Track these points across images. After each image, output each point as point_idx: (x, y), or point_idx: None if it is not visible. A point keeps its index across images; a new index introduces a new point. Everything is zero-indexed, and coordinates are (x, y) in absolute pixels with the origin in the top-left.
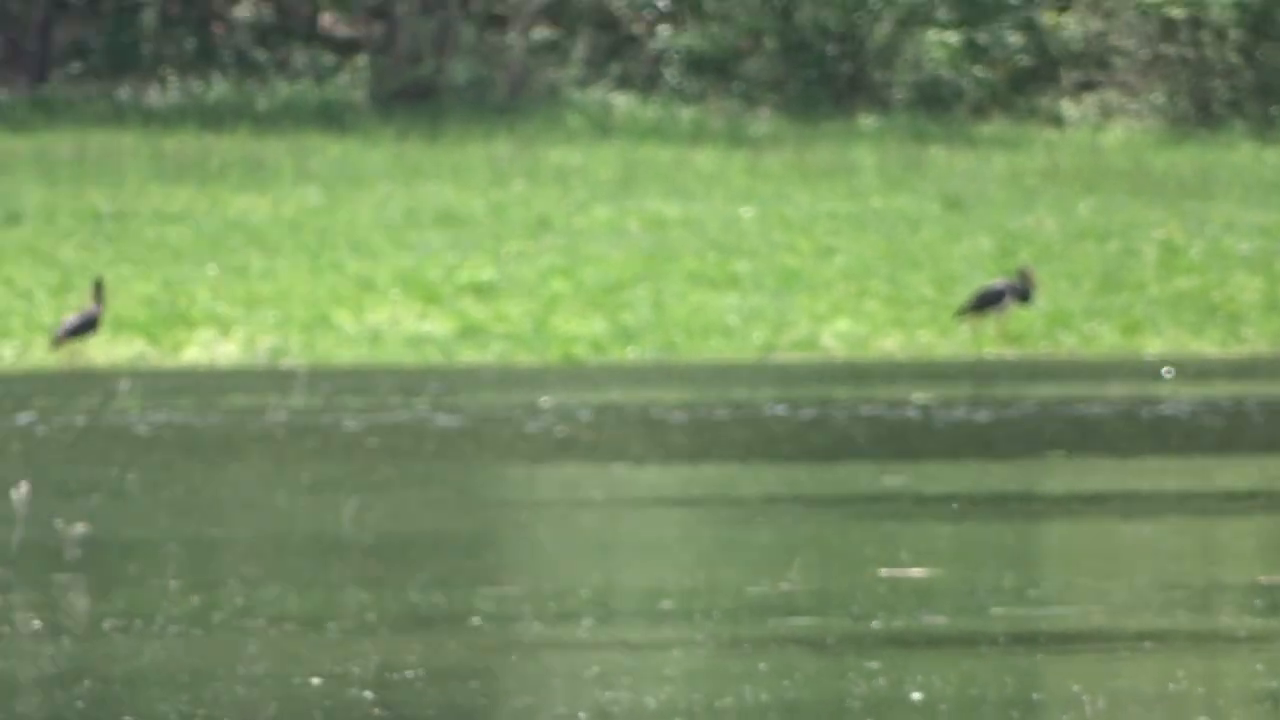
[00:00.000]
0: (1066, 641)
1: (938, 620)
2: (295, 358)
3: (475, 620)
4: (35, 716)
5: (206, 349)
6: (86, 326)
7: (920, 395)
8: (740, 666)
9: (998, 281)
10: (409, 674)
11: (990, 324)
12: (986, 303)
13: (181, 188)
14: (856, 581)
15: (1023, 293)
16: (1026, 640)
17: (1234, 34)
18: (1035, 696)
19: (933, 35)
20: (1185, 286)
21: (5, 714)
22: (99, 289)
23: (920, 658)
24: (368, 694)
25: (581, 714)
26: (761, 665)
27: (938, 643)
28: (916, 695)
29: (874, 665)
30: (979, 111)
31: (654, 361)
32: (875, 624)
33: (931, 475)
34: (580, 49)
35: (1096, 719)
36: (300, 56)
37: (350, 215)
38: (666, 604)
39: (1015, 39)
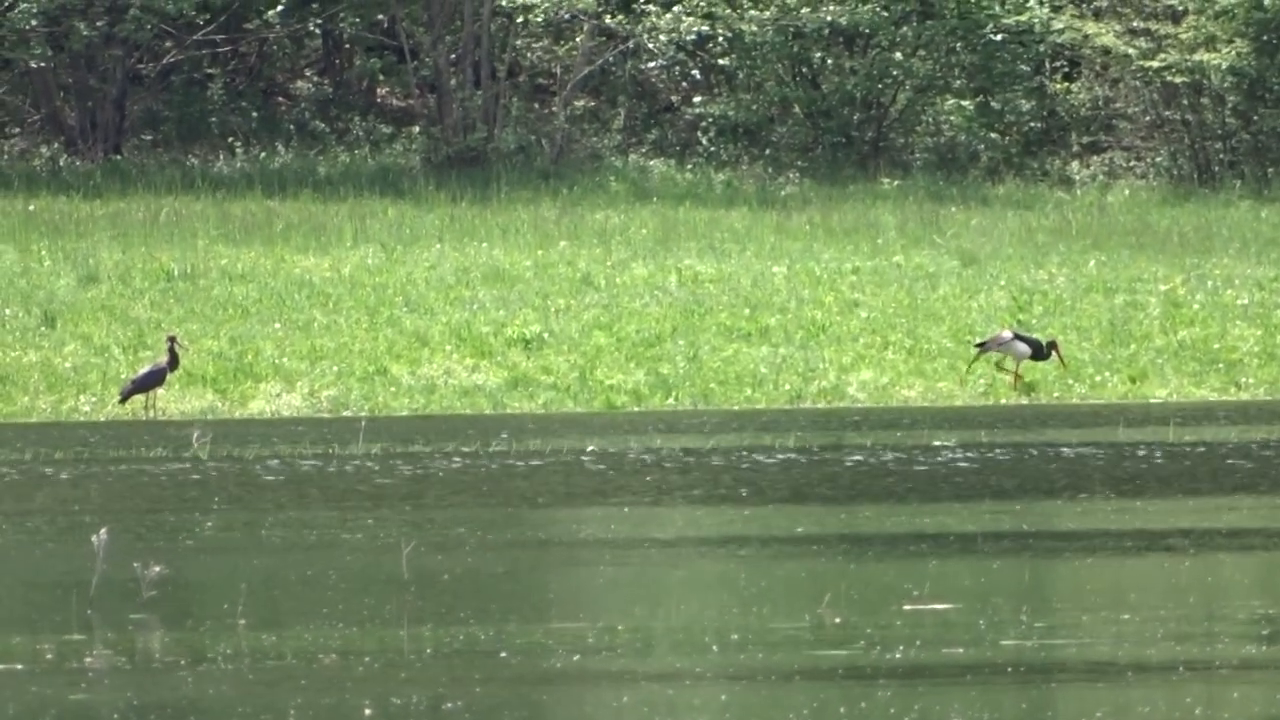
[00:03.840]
0: (1077, 671)
1: (956, 652)
2: (355, 408)
3: (518, 654)
4: None
5: (271, 400)
6: (152, 381)
7: (940, 440)
8: (774, 695)
9: (1014, 333)
10: (459, 703)
11: (1002, 362)
12: (996, 344)
13: (247, 249)
14: (882, 615)
15: (1038, 348)
16: (1040, 670)
17: (1231, 99)
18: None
19: (949, 103)
20: (1187, 337)
21: None
22: (171, 345)
23: (942, 687)
24: None
25: None
26: (795, 695)
27: (958, 673)
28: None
29: (898, 694)
30: (993, 173)
31: (690, 410)
32: (898, 655)
33: (952, 515)
34: (620, 118)
35: None
36: (358, 126)
37: (406, 274)
38: (705, 638)
39: (1026, 105)
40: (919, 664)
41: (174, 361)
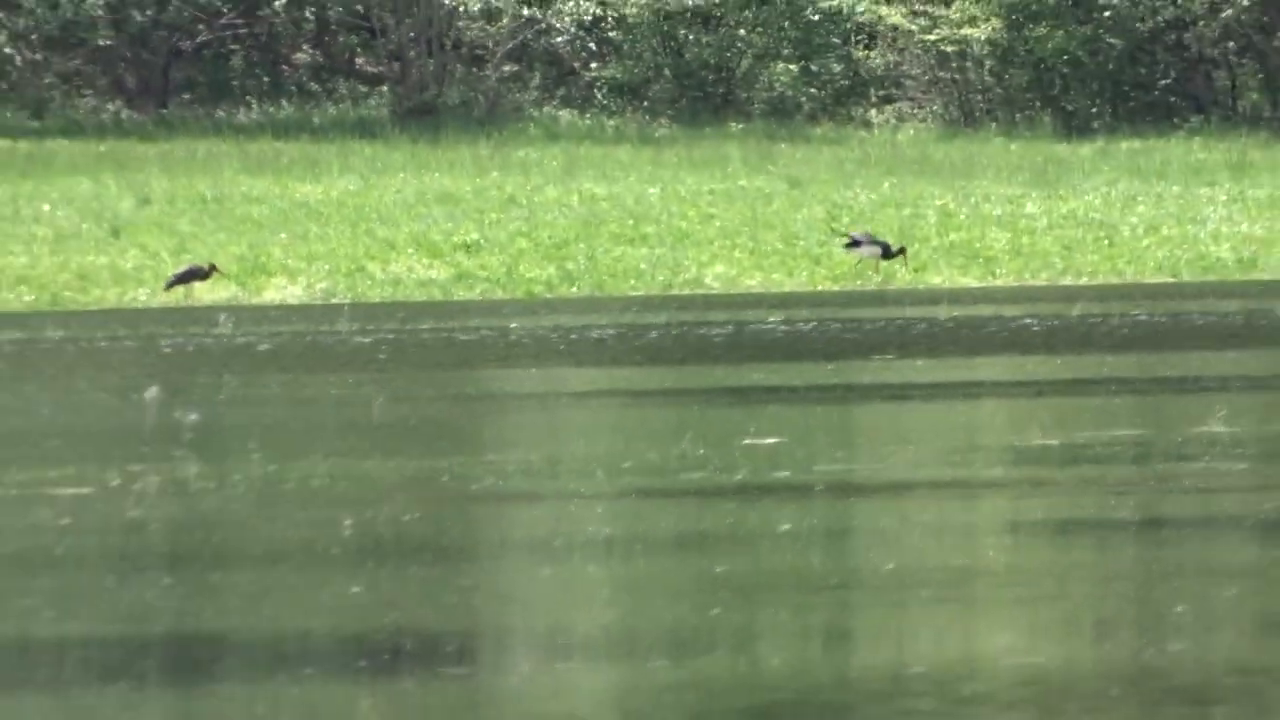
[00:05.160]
0: (876, 489)
1: (783, 474)
2: (340, 297)
3: (459, 479)
4: (160, 546)
5: (280, 291)
6: (192, 276)
7: (773, 317)
8: (648, 507)
9: (866, 235)
10: (415, 516)
11: (861, 260)
12: (860, 244)
13: (261, 179)
14: (728, 448)
15: (887, 250)
16: (846, 489)
17: (988, 63)
18: (856, 527)
19: (779, 67)
20: (956, 239)
21: (141, 546)
22: (212, 267)
23: (771, 502)
24: (375, 516)
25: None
26: (663, 508)
27: (783, 491)
28: (785, 526)
29: (739, 507)
30: (812, 119)
31: (588, 296)
32: (738, 477)
33: (782, 372)
34: (536, 80)
35: (906, 545)
36: (342, 87)
37: (378, 197)
38: (597, 466)
39: (837, 68)
40: (754, 484)
41: (209, 273)
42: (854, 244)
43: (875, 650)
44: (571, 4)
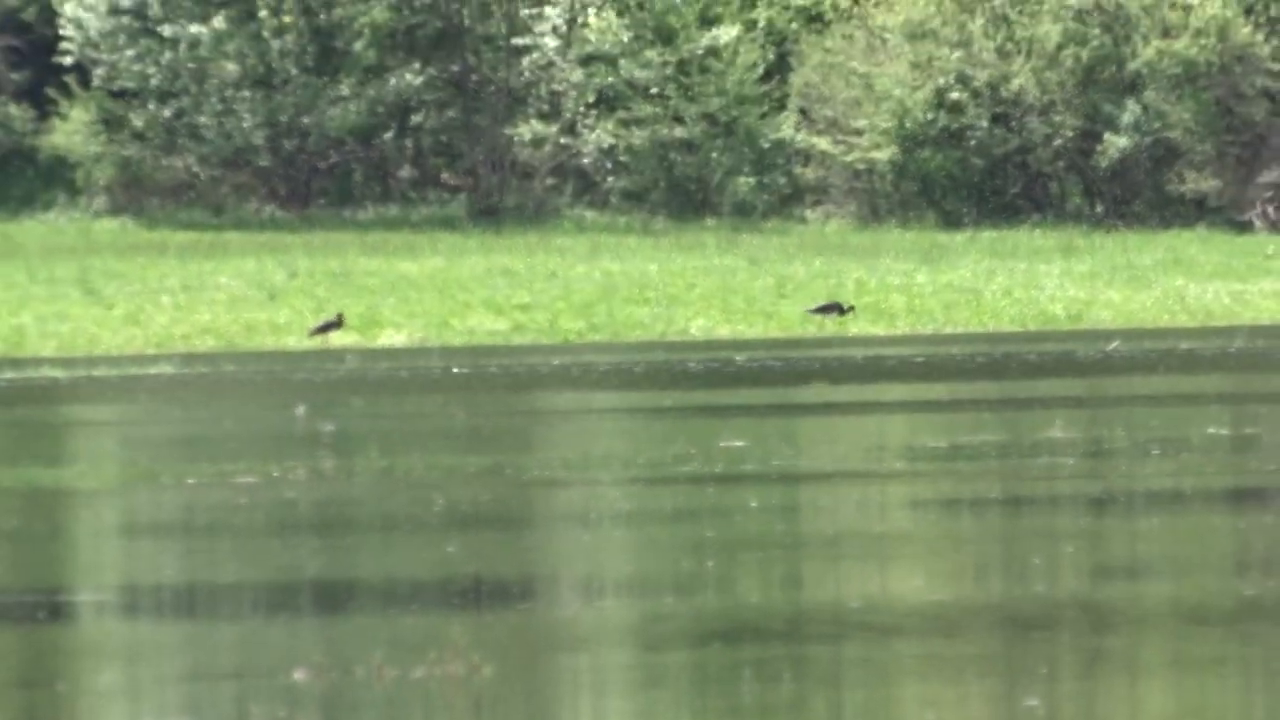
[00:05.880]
0: (816, 477)
1: (746, 467)
2: (432, 342)
3: (510, 470)
4: (308, 519)
5: (390, 338)
6: (328, 328)
7: (739, 356)
8: (651, 491)
9: (832, 302)
10: (479, 496)
11: (828, 322)
12: (829, 309)
13: (375, 259)
14: (711, 447)
15: (839, 308)
16: (798, 477)
17: (890, 176)
18: (803, 504)
19: (741, 179)
20: (868, 301)
21: (295, 518)
22: (341, 318)
23: (734, 485)
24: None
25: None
26: (665, 490)
27: (746, 479)
28: (752, 504)
29: (718, 490)
30: (765, 217)
31: (607, 341)
32: (717, 469)
33: (746, 395)
34: (569, 189)
35: (839, 516)
36: (432, 194)
37: (459, 271)
38: (615, 461)
39: (783, 179)
40: (729, 474)
41: (339, 325)
42: (821, 310)
43: (820, 591)
44: (595, 134)
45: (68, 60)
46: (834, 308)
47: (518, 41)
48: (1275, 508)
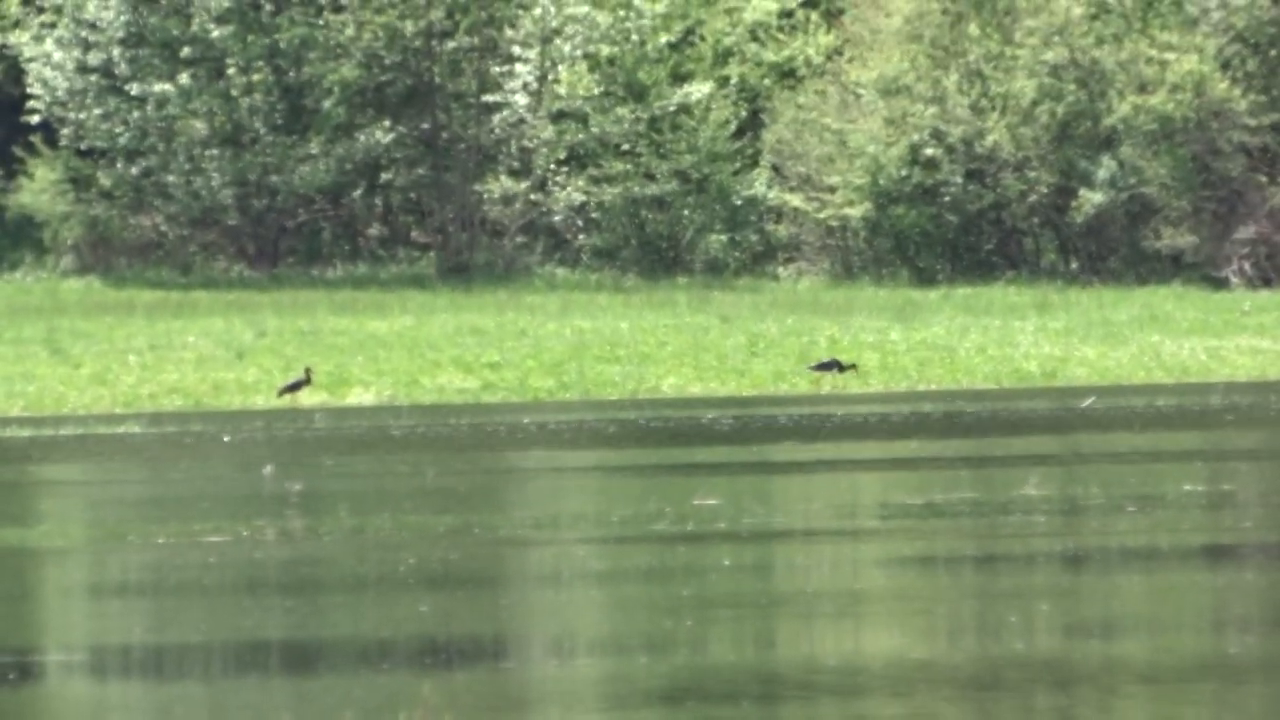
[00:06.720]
0: (789, 535)
1: (718, 526)
2: (400, 400)
3: (479, 529)
4: (277, 578)
5: (358, 397)
6: (296, 387)
7: (710, 414)
8: (632, 547)
9: (831, 359)
10: (449, 555)
11: (825, 379)
12: (828, 366)
13: (344, 318)
14: (684, 505)
15: (838, 365)
16: (770, 535)
17: (863, 233)
18: (775, 562)
19: (713, 236)
20: (847, 357)
21: (264, 578)
22: (309, 372)
23: (706, 542)
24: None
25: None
26: (642, 547)
27: (717, 536)
28: (725, 562)
29: (691, 548)
30: (737, 274)
31: (579, 399)
32: (689, 527)
33: (718, 452)
34: (540, 247)
35: (812, 574)
36: (402, 252)
37: (428, 330)
38: (586, 519)
39: (755, 237)
40: (700, 533)
41: (308, 381)
42: (821, 367)
43: (794, 649)
44: (566, 191)
45: (35, 119)
46: (833, 365)
47: (488, 98)
48: (1251, 565)
